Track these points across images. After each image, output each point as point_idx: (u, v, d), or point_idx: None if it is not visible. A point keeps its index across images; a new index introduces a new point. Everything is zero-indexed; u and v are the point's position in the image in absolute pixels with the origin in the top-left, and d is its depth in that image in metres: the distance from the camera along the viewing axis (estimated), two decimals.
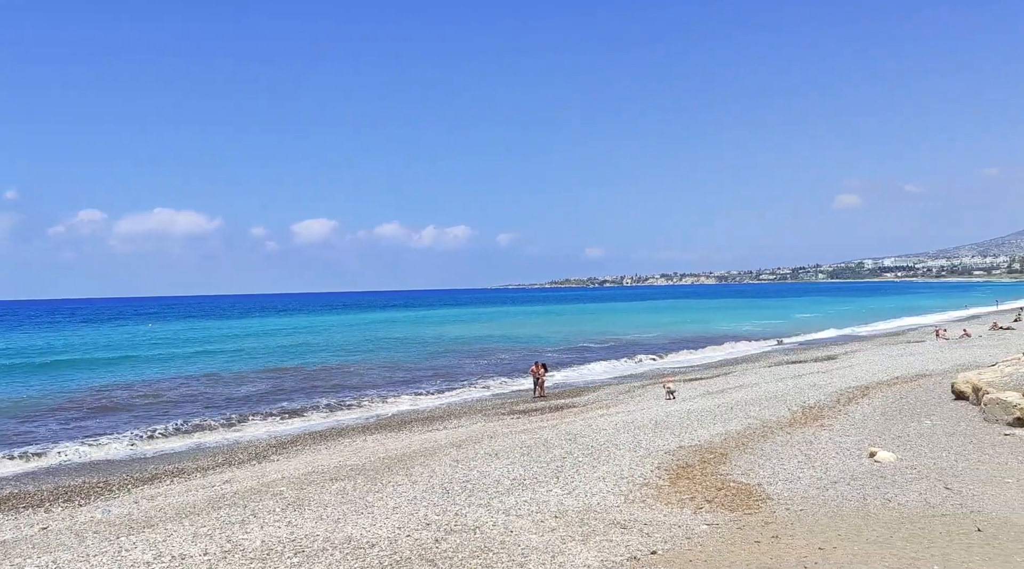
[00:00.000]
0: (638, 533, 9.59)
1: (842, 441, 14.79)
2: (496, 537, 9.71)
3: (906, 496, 10.63)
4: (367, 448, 18.44)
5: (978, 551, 8.20)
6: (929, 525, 9.24)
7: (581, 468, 13.48)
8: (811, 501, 10.75)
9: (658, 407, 21.24)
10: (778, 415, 18.05)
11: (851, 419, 16.99)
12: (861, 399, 19.46)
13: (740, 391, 23.49)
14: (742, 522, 9.88)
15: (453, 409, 26.01)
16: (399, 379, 36.17)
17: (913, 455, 13.33)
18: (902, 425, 15.94)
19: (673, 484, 12.15)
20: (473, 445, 16.65)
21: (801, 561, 8.21)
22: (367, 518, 10.87)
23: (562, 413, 22.81)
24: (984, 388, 16.40)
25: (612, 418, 19.59)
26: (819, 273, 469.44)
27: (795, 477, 12.20)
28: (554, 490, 12.03)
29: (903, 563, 7.95)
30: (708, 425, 17.25)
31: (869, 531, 9.16)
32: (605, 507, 10.92)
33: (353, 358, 47.71)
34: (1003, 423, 14.91)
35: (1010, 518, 9.34)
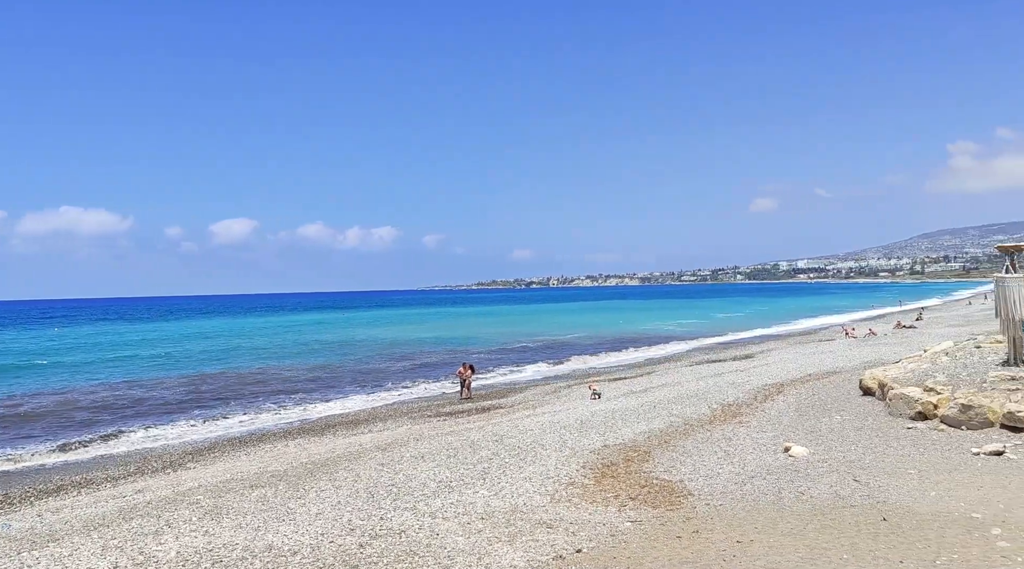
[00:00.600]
0: (564, 532, 9.67)
1: (759, 437, 15.30)
2: (422, 540, 9.62)
3: (818, 489, 11.08)
4: (289, 453, 17.98)
5: (884, 539, 8.62)
6: (839, 516, 9.66)
7: (508, 469, 13.51)
8: (730, 496, 11.07)
9: (584, 407, 21.50)
10: (699, 413, 18.54)
11: (767, 415, 17.60)
12: (777, 396, 20.19)
13: (663, 390, 24.02)
14: (664, 518, 10.10)
15: (379, 412, 25.67)
16: (323, 382, 35.46)
17: (824, 449, 13.91)
18: (814, 420, 16.62)
19: (598, 483, 12.31)
20: (399, 448, 16.47)
21: (720, 555, 8.45)
22: (289, 525, 10.59)
23: (489, 414, 22.82)
24: (889, 384, 17.26)
25: (538, 419, 19.71)
26: (737, 274, 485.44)
27: (715, 473, 12.55)
28: (481, 492, 12.00)
29: (815, 553, 8.27)
30: (632, 424, 17.57)
31: (784, 523, 9.50)
32: (531, 507, 10.97)
33: (276, 362, 46.50)
34: (906, 417, 15.73)
35: (912, 507, 9.85)
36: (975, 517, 9.21)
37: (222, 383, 36.18)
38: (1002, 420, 14.28)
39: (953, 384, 16.05)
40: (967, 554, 7.93)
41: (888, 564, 7.79)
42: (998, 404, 14.54)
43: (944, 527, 8.89)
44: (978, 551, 8.00)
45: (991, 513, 9.35)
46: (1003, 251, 18.29)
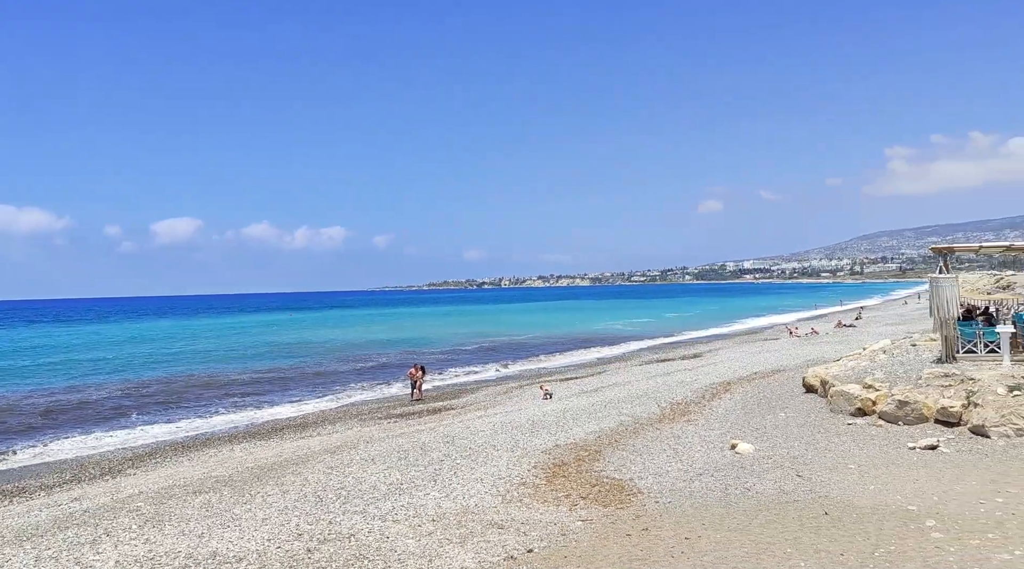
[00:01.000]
0: (515, 532, 9.68)
1: (706, 435, 15.57)
2: (372, 544, 9.51)
3: (763, 485, 11.33)
4: (235, 458, 17.59)
5: (825, 533, 8.85)
6: (783, 511, 9.89)
7: (459, 470, 13.46)
8: (678, 493, 11.24)
9: (535, 407, 21.56)
10: (649, 412, 18.77)
11: (715, 413, 17.92)
12: (724, 394, 20.58)
13: (613, 390, 24.25)
14: (615, 517, 10.19)
15: (328, 415, 25.30)
16: (271, 385, 34.79)
17: (769, 446, 14.23)
18: (760, 418, 16.99)
19: (549, 482, 12.36)
20: (348, 451, 16.26)
21: (669, 551, 8.56)
22: (234, 531, 10.36)
23: (440, 415, 22.71)
24: (830, 382, 17.75)
25: (490, 419, 19.70)
26: (686, 275, 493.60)
27: (664, 471, 12.72)
28: (432, 493, 11.94)
29: (760, 548, 8.45)
30: (583, 423, 17.69)
31: (730, 519, 9.68)
32: (483, 508, 10.95)
33: (221, 365, 45.45)
34: (846, 413, 16.20)
35: (852, 501, 10.14)
36: (911, 509, 9.53)
37: (165, 387, 35.19)
38: (936, 415, 14.81)
39: (890, 381, 16.59)
40: (903, 545, 8.20)
41: (830, 557, 8.00)
42: (932, 400, 15.08)
43: (882, 520, 9.18)
44: (914, 542, 8.28)
45: (926, 505, 9.69)
46: (936, 252, 18.99)
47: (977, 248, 21.24)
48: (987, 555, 7.72)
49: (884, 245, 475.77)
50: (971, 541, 8.18)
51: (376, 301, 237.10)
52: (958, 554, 7.79)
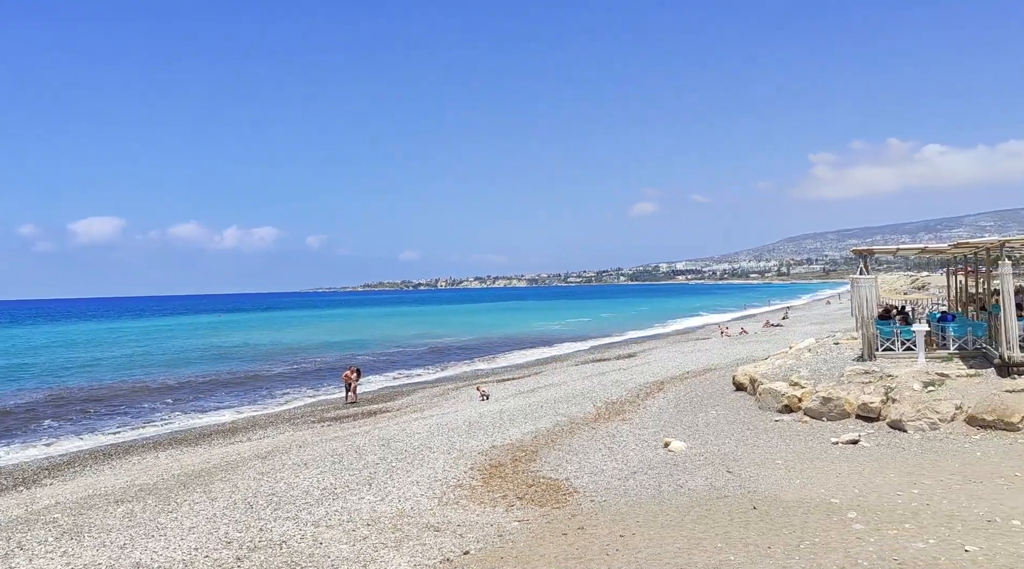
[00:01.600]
0: (451, 535, 9.63)
1: (641, 433, 15.82)
2: (304, 550, 9.32)
3: (695, 481, 11.57)
4: (160, 465, 16.98)
5: (754, 527, 9.10)
6: (714, 507, 10.12)
7: (395, 473, 13.32)
8: (613, 491, 11.38)
9: (472, 408, 21.52)
10: (584, 411, 18.96)
11: (649, 412, 18.23)
12: (657, 393, 20.95)
13: (550, 390, 24.41)
14: (551, 516, 10.24)
15: (259, 419, 24.67)
16: (198, 390, 33.71)
17: (701, 443, 14.55)
18: (692, 416, 17.36)
19: (486, 484, 12.34)
20: (280, 456, 15.90)
21: (604, 549, 8.65)
22: (159, 541, 9.99)
23: (376, 418, 22.44)
24: (759, 380, 18.29)
25: (426, 421, 19.56)
26: (620, 276, 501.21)
27: (599, 469, 12.86)
28: (367, 497, 11.77)
29: (692, 544, 8.63)
30: (520, 424, 17.74)
31: (663, 516, 9.85)
32: (419, 511, 10.86)
33: (146, 370, 43.81)
34: (774, 410, 16.71)
35: (779, 495, 10.46)
36: (834, 502, 9.89)
37: (86, 394, 33.68)
38: (857, 411, 15.43)
39: (815, 379, 17.20)
40: (827, 537, 8.50)
41: (758, 550, 8.23)
42: (854, 396, 15.70)
43: (807, 513, 9.49)
44: (836, 534, 8.59)
45: (848, 498, 10.07)
46: (857, 254, 19.79)
47: (895, 250, 22.22)
48: (904, 545, 8.06)
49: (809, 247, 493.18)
50: (889, 531, 8.53)
51: (309, 303, 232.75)
52: (877, 544, 8.12)
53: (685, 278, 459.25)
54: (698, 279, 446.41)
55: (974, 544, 7.86)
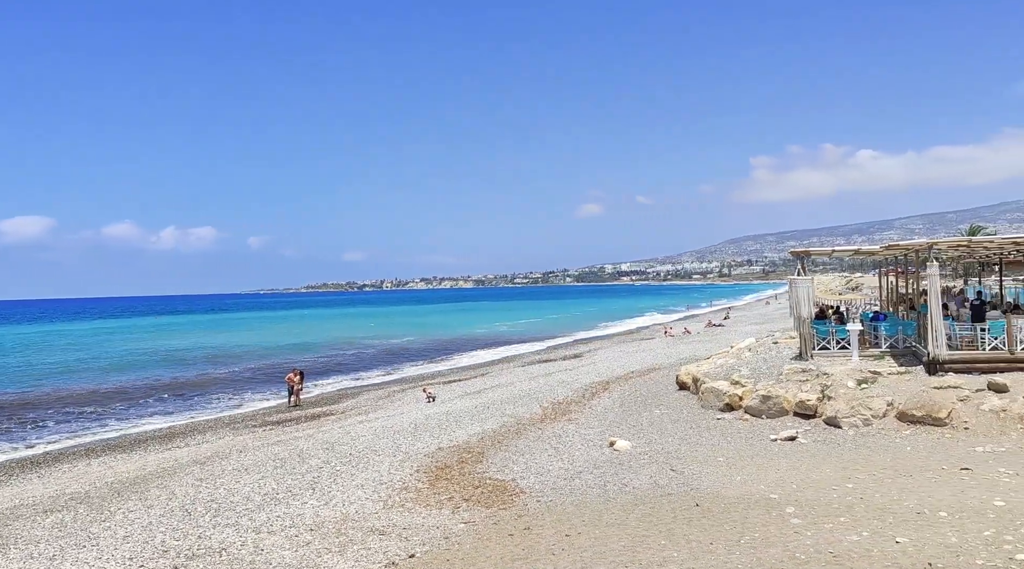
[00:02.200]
0: (397, 538, 9.53)
1: (586, 433, 15.95)
2: (245, 557, 9.10)
3: (639, 480, 11.72)
4: (92, 473, 16.36)
5: (697, 523, 9.26)
6: (658, 504, 10.27)
7: (339, 477, 13.13)
8: (559, 491, 11.44)
9: (418, 410, 21.37)
10: (531, 412, 19.02)
11: (594, 412, 18.39)
12: (603, 393, 21.16)
13: (497, 391, 24.42)
14: (497, 517, 10.24)
15: (198, 424, 24.00)
16: (133, 395, 32.59)
17: (646, 442, 14.75)
18: (637, 415, 17.59)
19: (432, 486, 12.27)
20: (220, 461, 15.50)
21: (550, 549, 8.69)
22: (91, 552, 9.63)
23: (320, 421, 22.08)
24: (701, 379, 18.64)
25: (372, 424, 19.35)
26: (567, 277, 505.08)
27: (546, 470, 12.91)
28: (310, 502, 11.57)
29: (636, 541, 8.73)
30: (466, 425, 17.69)
31: (609, 515, 9.95)
32: (364, 515, 10.72)
33: (78, 375, 42.17)
34: (716, 409, 17.06)
35: (721, 492, 10.67)
36: (773, 498, 10.14)
37: (12, 400, 32.26)
38: (795, 408, 15.87)
39: (755, 377, 17.62)
40: (766, 532, 8.71)
41: (700, 546, 8.38)
42: (791, 394, 16.14)
43: (748, 509, 9.71)
44: (775, 529, 8.81)
45: (786, 493, 10.33)
46: (795, 256, 20.36)
47: (830, 252, 22.95)
48: (839, 537, 8.31)
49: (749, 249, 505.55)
50: (825, 525, 8.79)
51: (251, 304, 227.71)
52: (814, 538, 8.35)
53: (630, 279, 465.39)
54: (643, 280, 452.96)
55: (904, 536, 8.16)
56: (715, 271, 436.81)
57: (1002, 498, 9.34)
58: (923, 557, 7.40)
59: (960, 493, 9.75)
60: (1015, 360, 16.07)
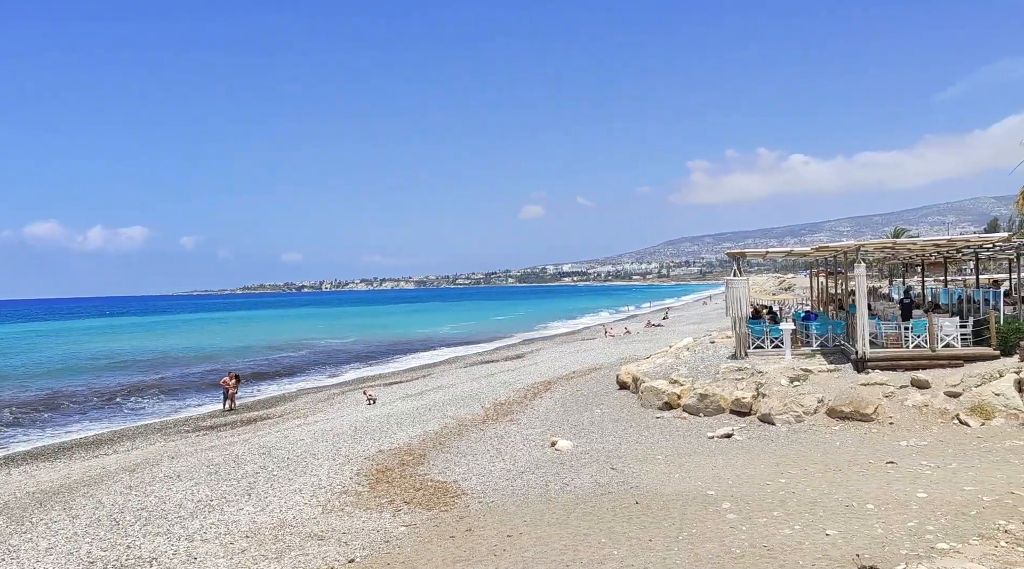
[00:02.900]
0: (336, 543, 9.38)
1: (528, 433, 16.00)
2: (177, 566, 8.81)
3: (580, 479, 11.81)
4: (12, 482, 15.60)
5: (636, 521, 9.38)
6: (599, 503, 10.36)
7: (276, 482, 12.85)
8: (501, 492, 11.43)
9: (358, 413, 21.09)
10: (473, 413, 18.98)
11: (536, 412, 18.47)
12: (544, 393, 21.27)
13: (438, 392, 24.28)
14: (439, 519, 10.17)
15: (127, 431, 23.14)
16: (57, 402, 31.20)
17: (586, 441, 14.88)
18: (578, 415, 17.74)
19: (373, 489, 12.11)
20: (150, 468, 14.98)
21: (491, 550, 8.67)
22: (11, 565, 9.18)
23: (256, 426, 21.57)
24: (641, 378, 18.92)
25: (310, 427, 19.00)
26: (509, 278, 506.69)
27: (487, 471, 12.90)
28: (246, 508, 11.28)
29: (577, 540, 8.79)
30: (407, 427, 17.54)
31: (550, 514, 9.99)
32: (302, 520, 10.52)
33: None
34: (655, 408, 17.34)
35: (660, 490, 10.84)
36: (710, 494, 10.35)
37: None
38: (731, 406, 16.25)
39: (693, 376, 17.98)
40: (703, 528, 8.88)
41: (640, 543, 8.49)
42: (728, 392, 16.53)
43: (685, 505, 9.88)
44: (712, 524, 8.99)
45: (722, 489, 10.56)
46: (731, 257, 20.87)
47: (764, 253, 23.60)
48: (773, 531, 8.54)
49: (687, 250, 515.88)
50: (760, 519, 9.02)
51: (184, 306, 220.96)
52: (749, 532, 8.56)
53: (571, 280, 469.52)
54: (584, 281, 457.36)
55: (834, 528, 8.43)
56: (654, 272, 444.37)
57: (924, 490, 9.74)
58: (851, 548, 7.66)
59: (886, 486, 10.14)
60: (936, 357, 16.82)
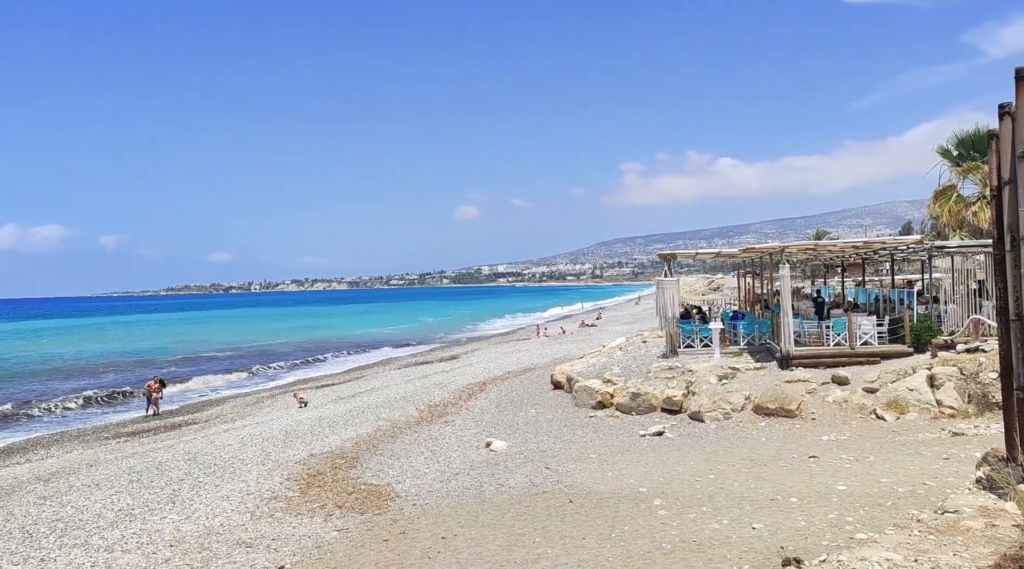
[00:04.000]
0: (265, 549, 9.15)
1: (463, 434, 15.96)
2: None
3: (515, 479, 11.84)
4: None
5: (570, 520, 9.46)
6: (533, 503, 10.41)
7: (202, 489, 12.45)
8: (435, 494, 11.36)
9: (289, 416, 20.64)
10: (407, 415, 18.81)
11: (471, 413, 18.44)
12: (479, 394, 21.25)
13: (372, 394, 23.97)
14: (371, 523, 10.03)
15: (41, 439, 22.02)
16: None
17: (521, 441, 14.94)
18: (512, 415, 17.79)
19: (304, 494, 11.87)
20: (67, 477, 14.30)
21: (425, 553, 8.60)
22: None
23: (181, 431, 20.85)
24: (575, 378, 19.11)
25: (238, 432, 18.49)
26: (443, 278, 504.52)
27: (422, 473, 12.80)
28: (170, 516, 10.89)
29: (512, 540, 8.81)
30: (340, 430, 17.26)
31: (485, 515, 9.98)
32: (229, 527, 10.21)
33: None
34: (589, 407, 17.54)
35: (593, 488, 10.97)
36: (642, 491, 10.52)
37: None
38: (662, 404, 16.57)
39: (625, 375, 18.26)
40: (635, 524, 9.02)
41: (573, 542, 8.56)
42: (659, 391, 16.85)
43: (618, 503, 10.02)
44: (644, 521, 9.15)
45: (654, 486, 10.76)
46: (662, 258, 21.31)
47: (694, 254, 24.20)
48: (702, 526, 8.74)
49: (620, 251, 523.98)
50: (689, 515, 9.22)
51: (104, 308, 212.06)
52: (679, 528, 8.74)
53: (506, 280, 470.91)
54: (518, 281, 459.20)
55: (760, 521, 8.69)
56: (588, 273, 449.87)
57: (844, 483, 10.14)
58: (776, 541, 7.90)
59: (808, 479, 10.51)
60: (856, 355, 17.54)
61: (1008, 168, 5.84)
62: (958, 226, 27.52)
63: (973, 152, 25.83)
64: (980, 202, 24.78)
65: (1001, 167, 6.07)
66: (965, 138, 26.55)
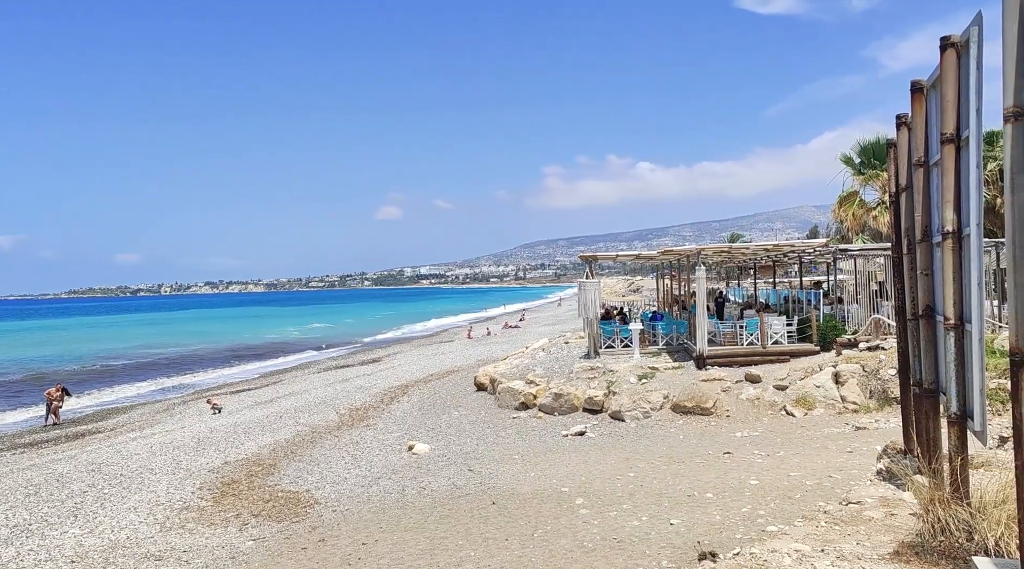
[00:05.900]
0: (175, 562, 8.78)
1: (385, 438, 15.74)
2: None
3: (438, 482, 11.76)
4: None
5: (493, 521, 9.46)
6: (456, 505, 10.36)
7: (107, 501, 11.85)
8: (356, 499, 11.16)
9: (202, 423, 19.89)
10: (327, 419, 18.43)
11: (393, 417, 18.22)
12: (402, 397, 21.02)
13: (290, 399, 23.38)
14: (289, 531, 9.77)
15: None
16: None
17: (444, 444, 14.85)
18: (435, 418, 17.67)
19: (217, 503, 11.46)
20: None
21: (346, 559, 8.44)
22: None
23: (84, 441, 19.78)
24: (498, 379, 19.14)
25: (147, 440, 17.70)
26: (365, 280, 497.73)
27: (342, 478, 12.55)
28: (71, 531, 10.32)
29: (435, 544, 8.74)
30: (256, 436, 16.75)
31: (407, 519, 9.87)
32: (137, 540, 9.76)
33: None
34: (512, 408, 17.59)
35: (516, 489, 11.00)
36: (564, 491, 10.62)
37: None
38: (584, 404, 16.79)
39: (548, 376, 18.41)
40: (558, 524, 9.10)
41: (496, 543, 8.56)
42: (581, 391, 17.06)
43: (541, 503, 10.09)
44: (566, 520, 9.23)
45: (576, 486, 10.88)
46: (584, 260, 21.62)
47: (615, 256, 24.64)
48: (622, 523, 8.89)
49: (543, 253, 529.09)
50: (610, 513, 9.36)
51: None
52: (600, 526, 8.86)
53: (429, 282, 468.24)
54: (441, 283, 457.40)
55: (678, 517, 8.90)
56: (511, 274, 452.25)
57: (756, 477, 10.50)
58: (693, 536, 8.11)
59: (723, 475, 10.84)
60: (767, 353, 18.23)
61: (905, 175, 6.18)
62: (861, 230, 29.06)
63: (874, 160, 27.34)
64: (880, 207, 26.23)
65: (899, 174, 6.43)
66: (866, 147, 28.08)
